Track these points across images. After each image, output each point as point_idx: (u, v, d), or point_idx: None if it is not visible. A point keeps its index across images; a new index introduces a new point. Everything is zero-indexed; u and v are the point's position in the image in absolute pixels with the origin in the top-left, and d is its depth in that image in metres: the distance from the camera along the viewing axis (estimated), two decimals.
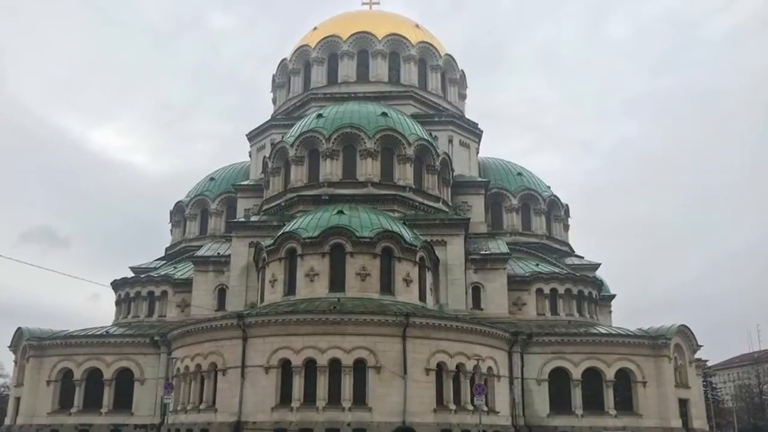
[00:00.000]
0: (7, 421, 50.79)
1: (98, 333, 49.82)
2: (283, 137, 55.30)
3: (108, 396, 47.55)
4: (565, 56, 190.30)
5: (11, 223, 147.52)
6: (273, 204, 53.16)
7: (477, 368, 40.85)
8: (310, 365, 38.96)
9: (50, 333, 50.32)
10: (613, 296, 62.52)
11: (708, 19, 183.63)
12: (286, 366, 39.31)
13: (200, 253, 53.60)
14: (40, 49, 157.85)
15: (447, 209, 53.38)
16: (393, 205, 50.27)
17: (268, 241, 46.66)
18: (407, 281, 44.94)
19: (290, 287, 44.80)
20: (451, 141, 58.72)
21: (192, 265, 53.31)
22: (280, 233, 46.40)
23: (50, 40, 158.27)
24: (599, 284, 55.17)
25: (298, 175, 52.25)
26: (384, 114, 53.48)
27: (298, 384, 38.81)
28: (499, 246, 52.04)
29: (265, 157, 56.74)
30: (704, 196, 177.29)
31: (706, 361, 70.16)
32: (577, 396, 44.92)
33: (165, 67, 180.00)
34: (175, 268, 56.66)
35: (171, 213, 65.67)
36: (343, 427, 37.61)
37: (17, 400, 50.10)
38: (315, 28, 67.37)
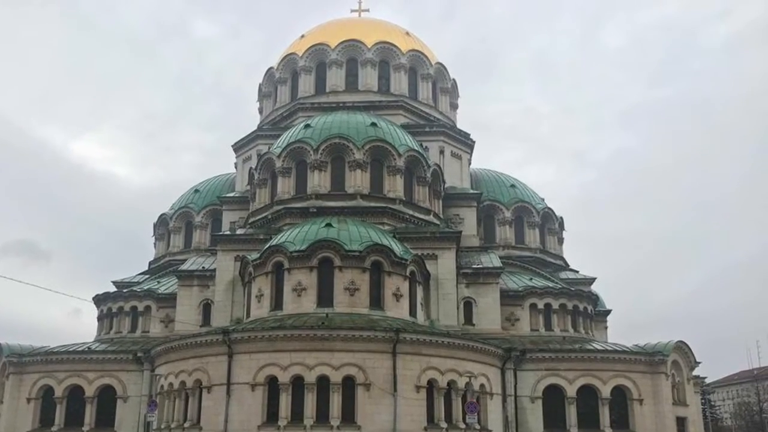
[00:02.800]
0: None
1: (80, 349, 48.55)
2: (269, 148, 54.38)
3: (90, 414, 46.36)
4: (560, 65, 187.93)
5: None
6: (259, 217, 52.19)
7: (469, 385, 39.93)
8: (297, 382, 38.05)
9: (30, 349, 49.11)
10: (609, 311, 61.56)
11: (706, 28, 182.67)
12: (272, 383, 38.38)
13: (184, 267, 52.66)
14: (17, 57, 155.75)
15: (438, 222, 52.48)
16: (382, 217, 49.37)
17: (255, 255, 45.69)
18: (397, 296, 44.05)
19: (277, 302, 43.89)
20: (442, 152, 57.85)
21: (176, 280, 52.32)
22: (266, 247, 45.47)
23: (28, 48, 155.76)
24: (594, 299, 54.22)
25: (285, 186, 51.33)
26: (373, 124, 52.66)
27: (285, 402, 37.90)
28: (491, 260, 51.19)
29: (251, 168, 55.80)
30: (702, 208, 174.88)
31: (705, 378, 69.77)
32: (571, 414, 43.95)
33: (147, 77, 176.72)
34: (158, 282, 55.56)
35: (154, 226, 64.43)
36: None
37: None
38: (302, 36, 66.54)
